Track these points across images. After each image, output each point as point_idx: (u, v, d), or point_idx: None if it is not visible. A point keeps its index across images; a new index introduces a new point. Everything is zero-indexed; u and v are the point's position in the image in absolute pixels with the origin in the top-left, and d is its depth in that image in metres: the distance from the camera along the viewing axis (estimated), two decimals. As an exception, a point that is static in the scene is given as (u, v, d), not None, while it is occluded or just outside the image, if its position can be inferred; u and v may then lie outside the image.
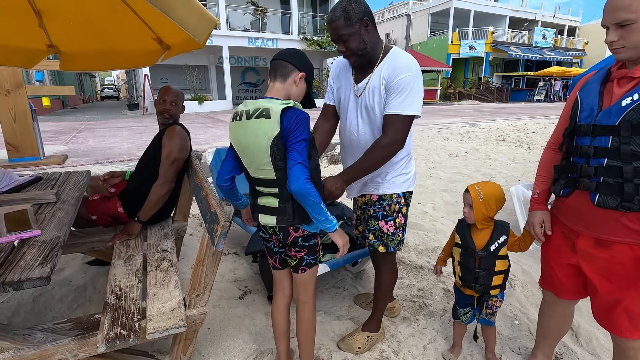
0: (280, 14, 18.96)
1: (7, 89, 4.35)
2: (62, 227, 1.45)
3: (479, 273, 1.52)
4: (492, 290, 1.56)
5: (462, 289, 1.64)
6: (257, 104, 1.25)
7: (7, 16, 1.99)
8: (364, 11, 1.38)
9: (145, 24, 2.06)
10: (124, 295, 1.54)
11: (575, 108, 1.23)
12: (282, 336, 1.55)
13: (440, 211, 3.71)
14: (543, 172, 1.44)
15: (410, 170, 1.66)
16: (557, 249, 1.36)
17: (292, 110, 1.21)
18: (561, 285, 1.41)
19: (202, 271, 1.47)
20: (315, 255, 1.42)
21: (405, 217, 1.69)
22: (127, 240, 2.00)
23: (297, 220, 1.30)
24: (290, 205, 1.28)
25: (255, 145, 1.23)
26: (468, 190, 1.53)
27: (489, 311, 1.62)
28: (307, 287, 1.45)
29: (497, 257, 1.51)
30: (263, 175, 1.28)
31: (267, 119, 1.19)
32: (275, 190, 1.28)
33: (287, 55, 1.29)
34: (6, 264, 1.17)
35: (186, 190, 2.34)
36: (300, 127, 1.19)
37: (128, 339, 1.31)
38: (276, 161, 1.21)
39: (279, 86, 1.29)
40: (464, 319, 1.69)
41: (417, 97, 1.44)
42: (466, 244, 1.55)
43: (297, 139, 1.19)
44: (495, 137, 8.28)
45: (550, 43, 26.74)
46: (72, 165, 4.65)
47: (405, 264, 2.66)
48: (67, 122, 10.93)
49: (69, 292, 2.15)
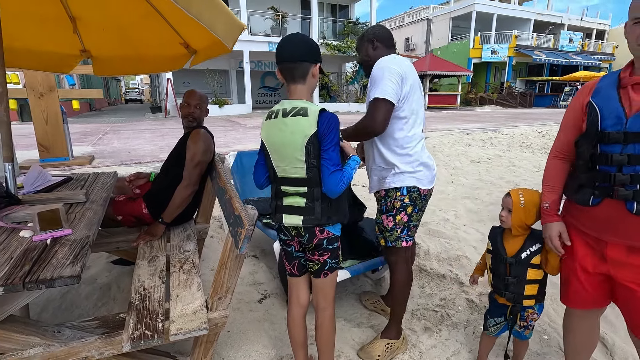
0: (300, 19, 19.15)
1: (41, 92, 4.55)
2: (91, 227, 1.48)
3: (508, 280, 1.48)
4: (526, 300, 1.49)
5: (495, 297, 1.60)
6: (294, 103, 1.28)
7: (44, 23, 2.09)
8: (375, 33, 1.76)
9: (174, 29, 2.12)
10: (148, 296, 1.56)
11: (593, 115, 1.19)
12: (300, 347, 1.53)
13: (462, 219, 3.62)
14: (551, 182, 1.39)
15: (415, 169, 1.67)
16: (583, 259, 1.31)
17: (327, 113, 1.26)
18: (587, 295, 1.35)
19: (224, 274, 1.48)
20: (337, 259, 1.41)
21: (409, 217, 1.69)
22: (151, 241, 2.04)
23: (324, 220, 1.31)
24: (319, 205, 1.29)
25: (290, 142, 1.25)
26: (510, 194, 1.50)
27: (524, 324, 1.54)
28: (327, 292, 1.44)
29: (529, 265, 1.46)
30: (292, 174, 1.29)
31: (304, 117, 1.23)
32: (304, 189, 1.29)
33: (297, 55, 1.28)
34: (39, 261, 1.20)
35: (209, 193, 2.37)
36: (334, 130, 1.24)
37: (152, 340, 1.32)
38: (310, 159, 1.24)
39: (302, 87, 1.31)
40: (493, 329, 1.63)
41: (380, 84, 1.56)
42: (496, 250, 1.53)
43: (332, 143, 1.24)
44: (519, 143, 8.04)
45: (577, 47, 25.92)
46: (99, 165, 4.81)
47: (427, 272, 2.60)
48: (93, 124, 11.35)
49: (95, 290, 2.21)
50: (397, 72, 1.56)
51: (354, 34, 18.50)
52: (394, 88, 1.54)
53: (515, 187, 4.90)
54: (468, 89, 24.17)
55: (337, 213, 1.35)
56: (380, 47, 1.75)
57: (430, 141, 7.73)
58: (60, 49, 2.34)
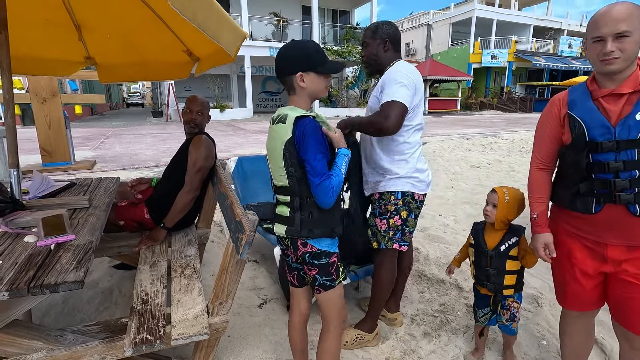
0: (301, 25, 19.29)
1: (44, 97, 4.60)
2: (94, 232, 1.50)
3: (489, 271, 1.61)
4: (505, 290, 1.61)
5: (478, 287, 1.72)
6: (282, 110, 1.29)
7: (49, 30, 2.12)
8: (389, 34, 1.72)
9: (177, 37, 2.15)
10: (150, 301, 1.57)
11: (578, 126, 1.24)
12: (300, 353, 1.53)
13: (462, 224, 3.64)
14: (538, 193, 1.43)
15: (411, 174, 1.70)
16: (583, 262, 1.34)
17: (305, 120, 1.22)
18: (586, 297, 1.39)
19: (225, 279, 1.50)
20: (329, 276, 1.32)
21: (404, 221, 1.72)
22: (153, 246, 2.06)
23: (304, 232, 1.26)
24: (298, 216, 1.26)
25: (273, 149, 1.27)
26: (495, 190, 1.61)
27: (508, 313, 1.64)
28: (326, 311, 1.37)
29: (508, 257, 1.59)
30: (279, 182, 1.30)
31: (283, 124, 1.24)
32: (288, 198, 1.28)
33: (280, 71, 1.29)
34: (43, 266, 1.22)
35: (210, 198, 2.39)
36: (310, 137, 1.19)
37: (153, 344, 1.34)
38: (288, 167, 1.23)
39: (294, 97, 1.31)
40: (482, 320, 1.74)
41: (399, 88, 1.58)
42: (478, 244, 1.64)
43: (311, 152, 1.19)
44: (519, 148, 8.06)
45: (576, 52, 25.99)
46: (100, 170, 4.83)
47: (426, 277, 2.62)
48: (95, 129, 11.40)
49: (96, 295, 2.22)
50: (413, 83, 1.61)
51: (354, 39, 18.63)
52: (410, 96, 1.59)
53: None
54: (468, 94, 24.24)
55: (320, 226, 1.27)
56: (391, 49, 1.74)
57: (430, 146, 7.75)
58: (65, 56, 2.38)
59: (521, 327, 2.05)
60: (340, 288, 1.37)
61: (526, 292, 2.39)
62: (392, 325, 2.08)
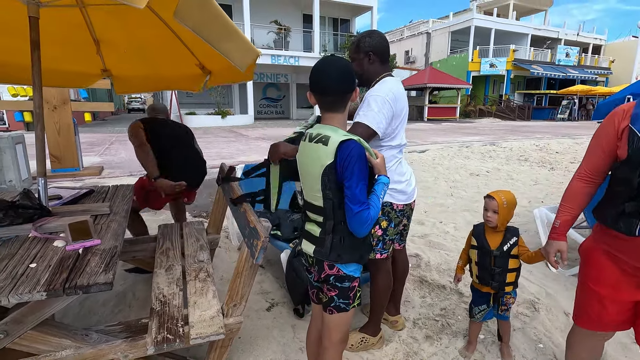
0: (302, 33, 19.55)
1: (54, 105, 4.71)
2: (117, 237, 1.60)
3: (494, 270, 1.72)
4: (507, 287, 1.74)
5: (478, 287, 1.83)
6: (323, 129, 1.22)
7: (71, 46, 2.24)
8: (373, 46, 1.68)
9: (190, 51, 2.27)
10: (168, 302, 1.66)
11: (636, 141, 1.15)
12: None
13: (461, 231, 3.73)
14: (570, 202, 1.39)
15: (389, 186, 1.74)
16: (616, 286, 1.29)
17: (350, 143, 1.14)
18: (611, 320, 1.33)
19: (240, 282, 1.59)
20: (347, 300, 1.29)
21: (384, 231, 1.79)
22: (167, 252, 2.15)
23: (333, 256, 1.23)
24: (329, 239, 1.22)
25: (311, 170, 1.22)
26: (492, 197, 1.72)
27: (504, 307, 1.80)
28: (331, 331, 1.34)
29: (510, 256, 1.71)
30: (313, 200, 1.25)
31: (324, 146, 1.17)
32: (320, 219, 1.24)
33: (338, 90, 1.20)
34: (75, 269, 1.31)
35: (220, 204, 2.49)
36: (355, 163, 1.13)
37: (174, 343, 1.43)
38: (325, 190, 1.18)
39: (337, 116, 1.23)
40: (478, 316, 1.87)
41: (373, 113, 1.57)
42: (482, 245, 1.75)
43: (353, 178, 1.13)
44: (517, 156, 8.20)
45: (574, 61, 26.36)
46: (108, 176, 4.93)
47: (428, 283, 2.71)
48: (99, 134, 11.52)
49: (111, 298, 2.31)
50: (391, 109, 1.59)
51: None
52: (385, 122, 1.59)
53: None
54: (467, 102, 24.49)
55: (350, 252, 1.24)
56: (376, 61, 1.70)
57: (429, 154, 7.87)
58: (84, 69, 2.50)
59: (519, 331, 2.14)
60: (352, 313, 1.34)
61: (524, 297, 2.48)
62: (394, 328, 2.16)
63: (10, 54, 2.20)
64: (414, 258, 3.04)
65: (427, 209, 4.48)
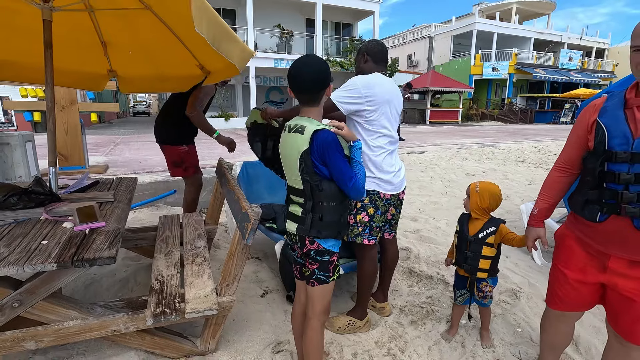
0: (305, 37, 19.78)
1: (62, 105, 4.90)
2: (120, 221, 1.75)
3: (467, 254, 1.86)
4: (480, 273, 1.85)
5: (458, 270, 1.97)
6: (300, 120, 1.38)
7: (80, 48, 2.40)
8: (368, 48, 1.98)
9: (191, 53, 2.42)
10: (166, 282, 1.80)
11: (601, 134, 1.23)
12: (300, 337, 1.66)
13: (453, 227, 3.84)
14: (547, 191, 1.49)
15: (376, 174, 1.88)
16: (583, 269, 1.37)
17: (322, 132, 1.30)
18: (579, 299, 1.42)
19: (232, 263, 1.72)
20: (327, 272, 1.44)
21: (371, 217, 1.92)
22: (167, 239, 2.29)
23: (313, 232, 1.37)
24: (310, 217, 1.37)
25: (289, 156, 1.38)
26: (470, 185, 1.89)
27: (481, 294, 1.91)
28: (314, 302, 1.47)
29: (484, 243, 1.83)
30: (294, 184, 1.41)
31: (301, 135, 1.32)
32: (301, 200, 1.39)
33: (312, 88, 1.34)
34: (82, 246, 1.46)
35: (218, 197, 2.63)
36: (330, 147, 1.29)
37: (170, 316, 1.57)
38: (303, 174, 1.34)
39: (314, 109, 1.39)
40: (460, 299, 2.00)
41: (344, 92, 1.80)
42: (462, 231, 1.90)
43: (335, 159, 1.30)
44: (515, 158, 8.28)
45: (577, 65, 26.35)
46: (113, 174, 5.10)
47: (416, 273, 2.82)
48: (104, 136, 11.75)
49: (115, 283, 2.45)
50: (363, 94, 1.77)
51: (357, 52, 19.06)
52: (350, 103, 1.78)
53: (506, 199, 5.10)
54: (469, 105, 24.56)
55: (328, 229, 1.38)
56: (369, 60, 1.95)
57: (427, 155, 7.98)
58: (92, 69, 2.66)
59: (499, 317, 2.26)
60: (332, 285, 1.48)
61: (507, 286, 2.59)
62: (381, 314, 2.28)
63: (23, 55, 2.37)
64: (404, 251, 3.16)
65: (421, 206, 4.60)
